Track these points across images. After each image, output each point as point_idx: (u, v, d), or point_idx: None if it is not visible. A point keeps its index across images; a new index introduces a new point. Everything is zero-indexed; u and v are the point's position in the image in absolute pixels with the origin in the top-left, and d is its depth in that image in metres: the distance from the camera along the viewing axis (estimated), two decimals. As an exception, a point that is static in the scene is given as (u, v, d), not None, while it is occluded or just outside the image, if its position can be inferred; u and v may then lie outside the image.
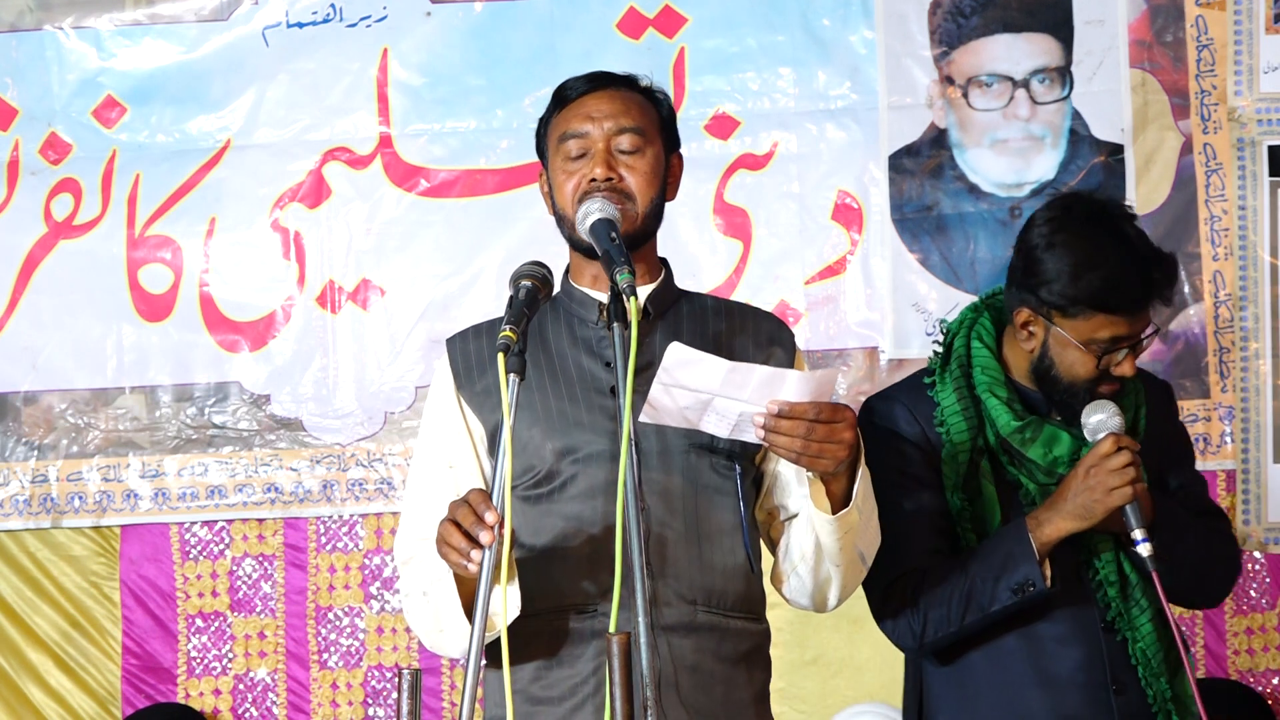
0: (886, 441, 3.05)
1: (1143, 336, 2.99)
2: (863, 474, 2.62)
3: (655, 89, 2.87)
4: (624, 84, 2.83)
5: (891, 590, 3.03)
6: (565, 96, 2.82)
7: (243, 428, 4.59)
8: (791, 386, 2.48)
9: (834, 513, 2.62)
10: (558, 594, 2.68)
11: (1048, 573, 2.93)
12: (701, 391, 2.50)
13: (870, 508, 2.71)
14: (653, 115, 2.82)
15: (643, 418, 2.54)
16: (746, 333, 2.85)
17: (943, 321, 3.18)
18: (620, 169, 2.75)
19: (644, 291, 2.79)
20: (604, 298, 2.78)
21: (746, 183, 4.53)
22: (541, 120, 2.88)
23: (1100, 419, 2.94)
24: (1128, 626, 2.99)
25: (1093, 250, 2.97)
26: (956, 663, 3.08)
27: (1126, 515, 2.89)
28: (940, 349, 3.11)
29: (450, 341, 2.88)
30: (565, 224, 2.79)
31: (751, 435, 2.54)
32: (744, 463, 2.78)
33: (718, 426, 2.55)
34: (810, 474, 2.61)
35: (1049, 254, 2.98)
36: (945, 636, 3.00)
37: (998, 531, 2.99)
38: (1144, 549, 2.86)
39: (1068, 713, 2.99)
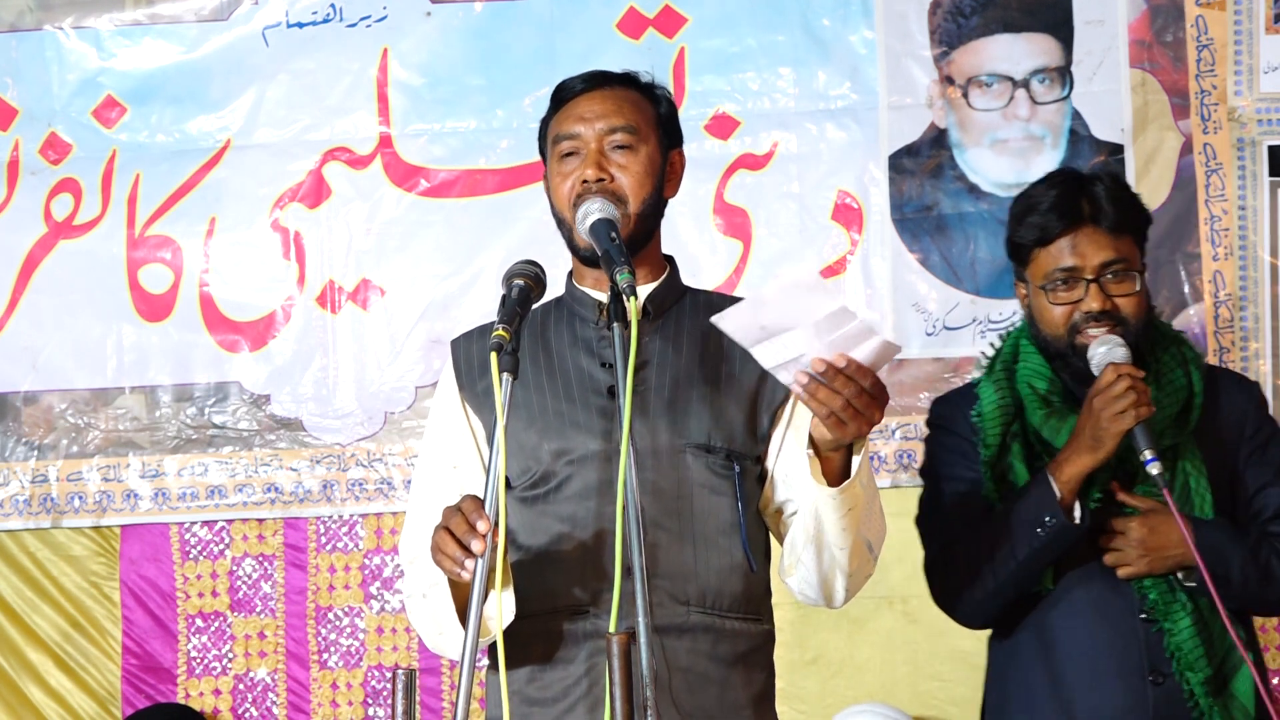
0: (936, 437, 3.20)
1: (1108, 269, 3.00)
2: (864, 455, 2.58)
3: (655, 85, 2.86)
4: (620, 82, 2.82)
5: (935, 564, 3.13)
6: (561, 97, 2.82)
7: (243, 428, 4.59)
8: (867, 349, 2.44)
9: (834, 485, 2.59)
10: (552, 596, 2.69)
11: (1076, 512, 2.96)
12: (792, 323, 2.43)
13: (873, 492, 2.69)
14: (648, 112, 2.81)
15: (714, 319, 2.46)
16: None
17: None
18: (611, 169, 2.74)
19: (644, 291, 2.78)
20: (604, 298, 2.78)
21: (746, 183, 4.53)
22: (542, 121, 2.88)
23: (1101, 352, 2.97)
24: (1164, 618, 2.99)
25: (1029, 192, 3.11)
26: (1003, 644, 3.15)
27: (1134, 437, 2.91)
28: (992, 351, 3.21)
29: (454, 343, 2.89)
30: (563, 226, 2.78)
31: (789, 378, 2.48)
32: (745, 461, 2.77)
33: (770, 358, 2.47)
34: (810, 450, 2.58)
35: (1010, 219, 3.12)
36: (985, 595, 3.06)
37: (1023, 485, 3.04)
38: (1154, 468, 2.88)
39: (1101, 700, 3.01)
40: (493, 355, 2.43)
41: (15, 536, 4.63)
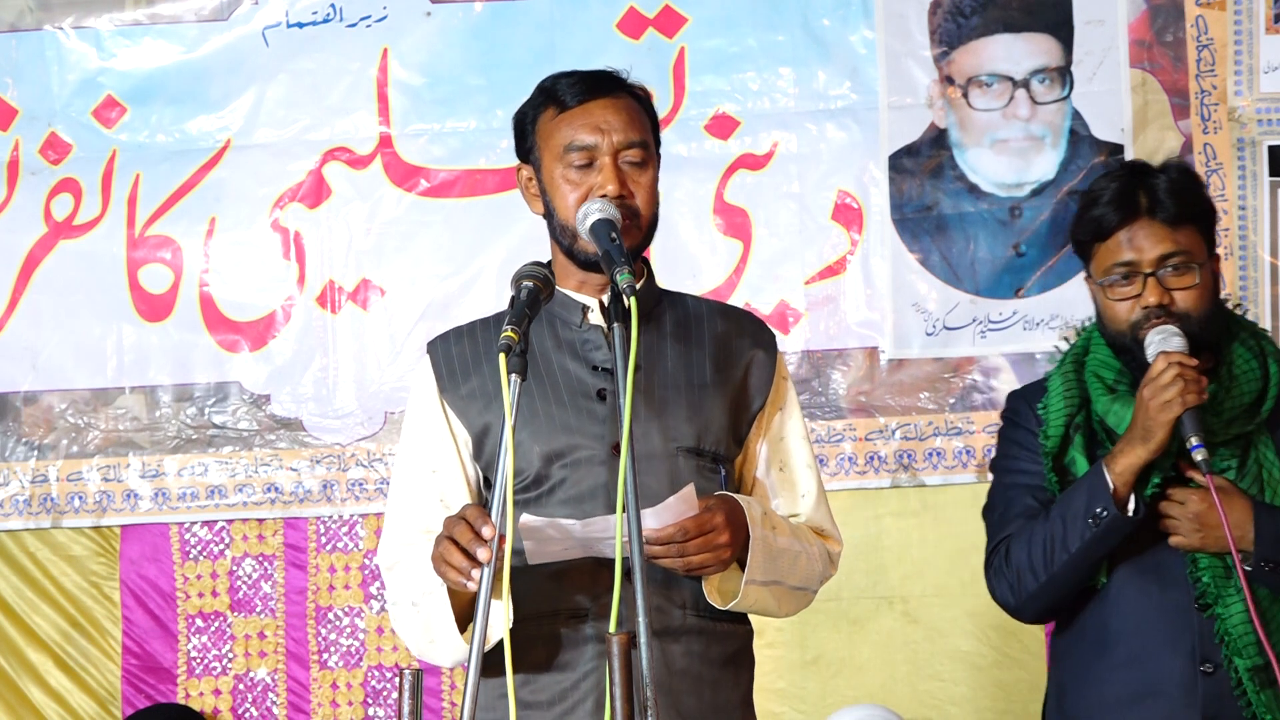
0: (1004, 430, 3.19)
1: (1166, 262, 2.96)
2: (751, 553, 2.67)
3: (640, 88, 2.84)
4: (620, 89, 2.80)
5: (992, 556, 3.10)
6: (562, 100, 2.77)
7: (243, 428, 4.59)
8: (650, 521, 2.55)
9: (726, 603, 2.71)
10: (547, 599, 2.68)
11: (1131, 505, 2.93)
12: (569, 540, 2.58)
13: (786, 564, 2.74)
14: (649, 124, 2.80)
15: (531, 560, 2.61)
16: (729, 335, 2.86)
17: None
18: (630, 185, 2.73)
19: None
20: (588, 300, 2.79)
21: (746, 183, 4.53)
22: (525, 117, 2.84)
23: (1156, 342, 2.93)
24: (1216, 601, 2.95)
25: (1092, 186, 3.06)
26: (1061, 639, 3.14)
27: (1182, 425, 2.87)
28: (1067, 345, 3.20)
29: (432, 344, 2.87)
30: (565, 232, 2.77)
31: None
32: (727, 465, 2.81)
33: (606, 551, 2.61)
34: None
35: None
36: (1040, 589, 3.03)
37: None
38: (1199, 454, 2.85)
39: (1153, 690, 2.98)
40: (501, 356, 2.43)
41: (15, 536, 4.62)
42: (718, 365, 2.80)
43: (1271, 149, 4.40)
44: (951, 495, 4.46)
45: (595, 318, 2.78)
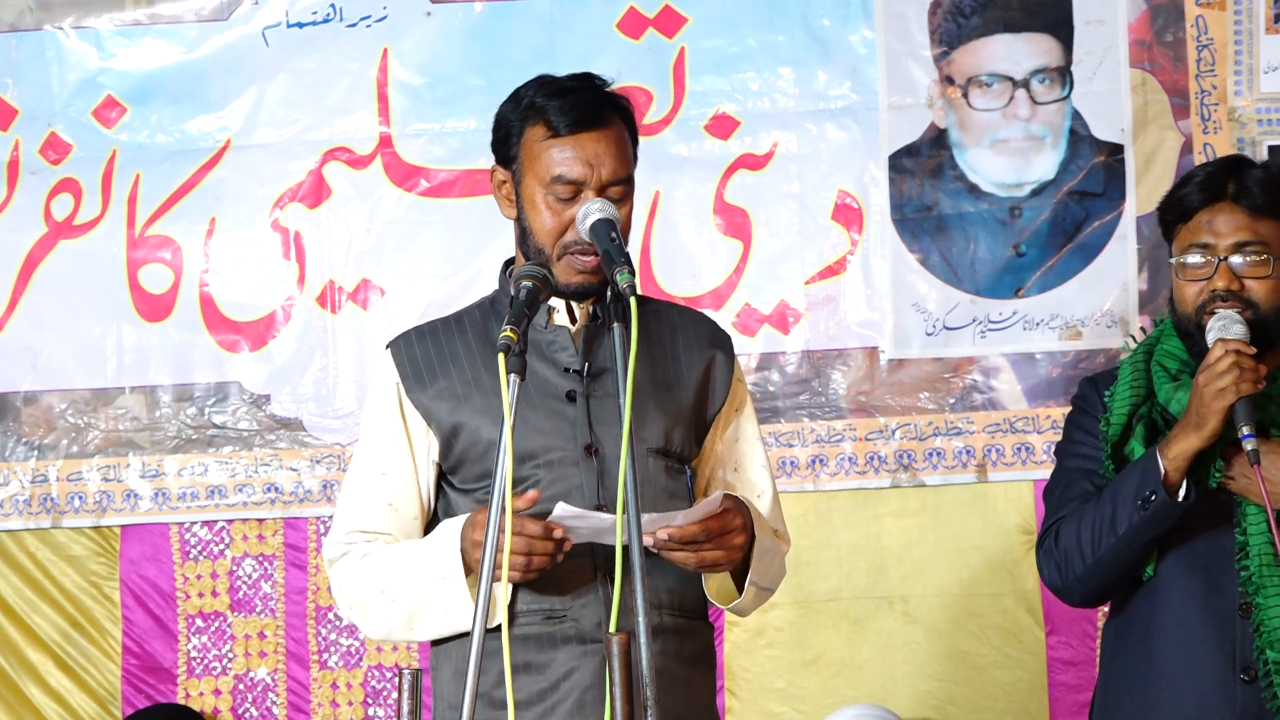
0: (1071, 415, 3.19)
1: (1242, 249, 2.94)
2: (755, 553, 2.72)
3: (626, 100, 2.82)
4: (612, 113, 2.78)
5: (1044, 537, 3.10)
6: (554, 126, 2.74)
7: (243, 428, 4.59)
8: (679, 521, 2.60)
9: (727, 603, 2.78)
10: (525, 600, 2.70)
11: (1182, 491, 2.91)
12: (597, 527, 2.61)
13: (766, 565, 2.78)
14: (633, 149, 2.80)
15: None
16: (689, 336, 2.88)
17: None
18: None
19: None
20: (553, 301, 2.80)
21: (746, 183, 4.53)
22: (510, 125, 2.81)
23: (1216, 328, 2.92)
24: (1257, 592, 2.92)
25: (1188, 171, 3.07)
26: (1112, 624, 3.12)
27: (1235, 412, 2.85)
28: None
29: (394, 344, 2.88)
30: (539, 255, 2.76)
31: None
32: (690, 465, 2.87)
33: (609, 540, 2.62)
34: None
35: None
36: (1086, 571, 3.01)
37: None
38: (1249, 444, 2.82)
39: (1190, 692, 2.97)
40: (500, 356, 2.43)
41: (15, 536, 4.62)
42: (681, 366, 2.84)
43: (1271, 149, 4.40)
44: (951, 495, 4.47)
45: (561, 319, 2.79)
